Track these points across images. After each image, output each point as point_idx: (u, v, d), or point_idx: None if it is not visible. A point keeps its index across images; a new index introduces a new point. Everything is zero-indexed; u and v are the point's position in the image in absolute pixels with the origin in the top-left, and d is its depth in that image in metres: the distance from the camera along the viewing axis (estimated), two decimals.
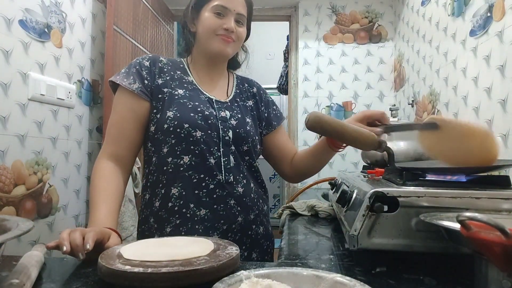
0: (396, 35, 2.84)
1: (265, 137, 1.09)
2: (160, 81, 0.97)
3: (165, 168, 0.92)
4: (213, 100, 0.99)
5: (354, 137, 0.83)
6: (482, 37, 1.42)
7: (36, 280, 0.53)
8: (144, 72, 0.96)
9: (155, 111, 0.94)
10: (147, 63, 0.98)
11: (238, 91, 1.08)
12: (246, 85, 1.11)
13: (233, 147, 0.96)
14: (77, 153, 1.94)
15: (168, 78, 0.98)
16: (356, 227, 0.59)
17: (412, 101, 2.34)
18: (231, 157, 0.95)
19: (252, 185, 0.99)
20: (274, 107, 1.14)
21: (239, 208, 0.94)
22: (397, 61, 2.78)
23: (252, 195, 0.98)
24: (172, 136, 0.91)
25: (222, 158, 0.93)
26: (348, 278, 0.47)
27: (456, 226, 0.44)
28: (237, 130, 0.96)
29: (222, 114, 0.97)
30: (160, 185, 0.93)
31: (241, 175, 0.96)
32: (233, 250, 0.59)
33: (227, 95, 1.04)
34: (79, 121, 1.96)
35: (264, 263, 0.68)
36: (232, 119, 0.98)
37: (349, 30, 2.90)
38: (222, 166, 0.93)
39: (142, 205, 0.99)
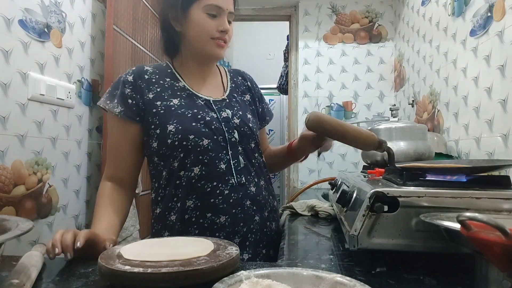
0: (396, 35, 2.84)
1: None
2: (151, 95, 0.92)
3: (178, 182, 0.90)
4: (211, 101, 0.96)
5: (354, 137, 0.83)
6: (483, 37, 1.42)
7: (36, 280, 0.53)
8: (128, 90, 0.92)
9: (153, 126, 0.91)
10: (130, 78, 0.93)
11: (233, 85, 1.05)
12: (240, 77, 1.09)
13: (240, 148, 0.94)
14: (77, 153, 1.94)
15: (159, 89, 0.93)
16: (356, 227, 0.59)
17: (413, 101, 2.34)
18: (241, 158, 0.93)
19: (262, 182, 0.98)
20: (266, 101, 1.14)
21: (254, 208, 0.93)
22: (397, 61, 2.78)
23: (263, 192, 0.97)
24: (180, 150, 0.88)
25: (231, 161, 0.91)
26: (348, 278, 0.47)
27: (456, 226, 0.44)
28: (242, 129, 0.95)
29: (224, 114, 0.94)
30: (175, 199, 0.90)
31: (252, 174, 0.95)
32: (233, 250, 0.59)
33: (224, 91, 1.02)
34: (79, 121, 1.95)
35: (264, 263, 0.68)
36: (235, 117, 0.95)
37: (349, 30, 2.90)
38: (233, 169, 0.91)
39: (152, 219, 0.97)
